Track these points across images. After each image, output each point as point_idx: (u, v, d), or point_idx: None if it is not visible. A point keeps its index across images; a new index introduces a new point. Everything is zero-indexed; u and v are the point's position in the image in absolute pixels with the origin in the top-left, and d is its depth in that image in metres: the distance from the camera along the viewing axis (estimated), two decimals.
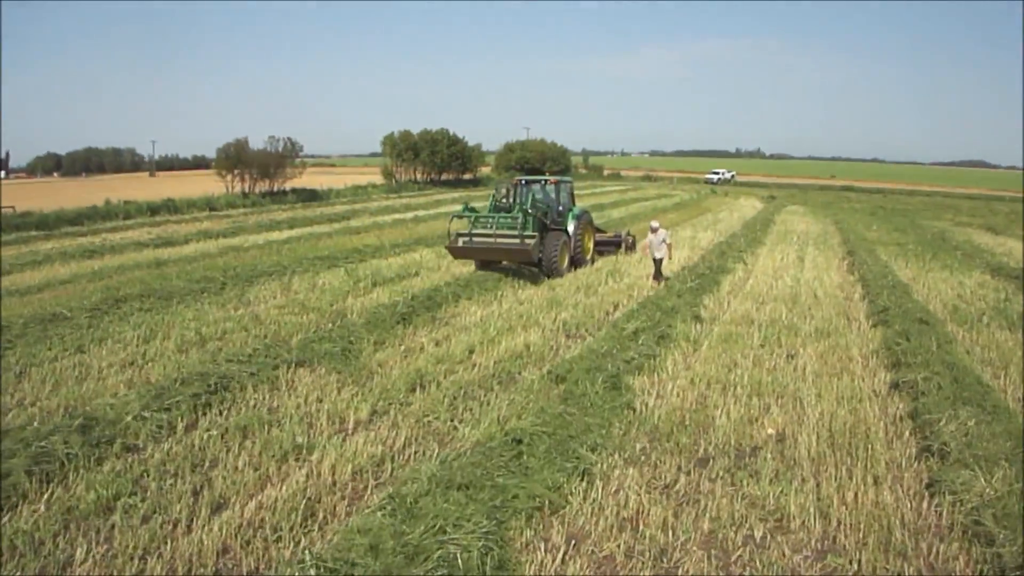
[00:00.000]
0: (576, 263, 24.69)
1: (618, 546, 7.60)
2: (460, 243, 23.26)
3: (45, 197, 57.25)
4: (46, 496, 8.55)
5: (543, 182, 26.33)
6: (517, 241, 22.09)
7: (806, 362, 14.02)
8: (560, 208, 24.99)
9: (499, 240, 22.52)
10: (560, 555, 7.40)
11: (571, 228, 24.62)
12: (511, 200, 24.83)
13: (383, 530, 7.48)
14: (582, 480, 8.90)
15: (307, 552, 7.27)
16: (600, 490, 8.68)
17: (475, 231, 23.12)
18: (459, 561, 6.92)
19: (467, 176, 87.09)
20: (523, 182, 25.76)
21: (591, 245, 26.40)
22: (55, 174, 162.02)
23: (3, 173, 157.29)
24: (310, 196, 60.95)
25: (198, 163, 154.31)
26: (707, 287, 21.09)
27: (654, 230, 22.68)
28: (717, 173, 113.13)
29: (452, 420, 11.07)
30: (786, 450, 9.99)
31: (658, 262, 22.45)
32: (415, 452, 9.97)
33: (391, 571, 6.78)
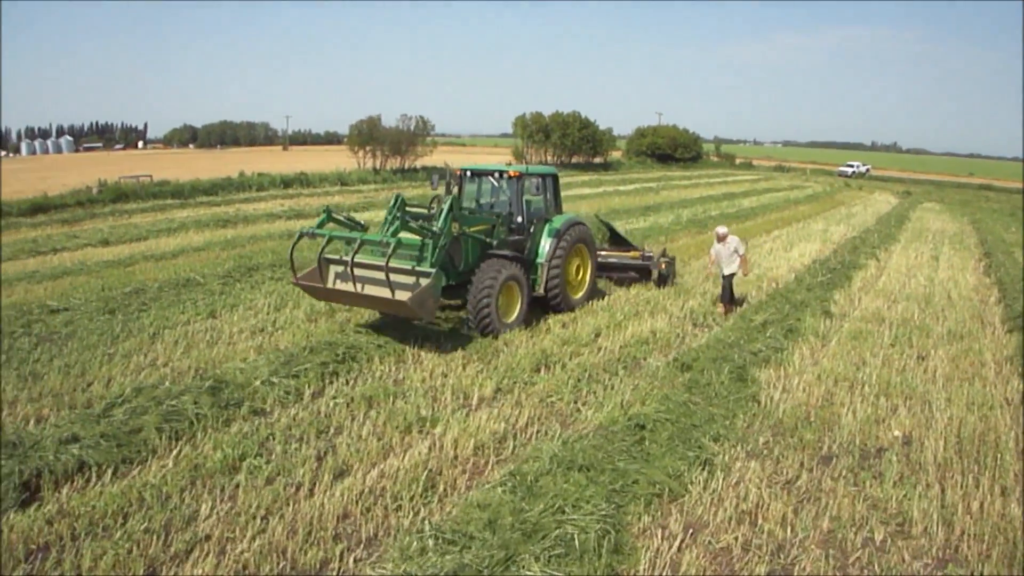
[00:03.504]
0: (555, 306, 16.28)
1: (735, 539, 7.61)
2: (333, 278, 14.44)
3: (181, 167, 59.24)
4: (175, 453, 9.02)
5: (498, 174, 16.35)
6: (394, 283, 12.93)
7: (937, 365, 13.67)
8: (520, 219, 16.25)
9: (358, 274, 13.45)
10: (677, 543, 7.44)
11: (545, 249, 15.96)
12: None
13: (502, 506, 7.68)
14: (703, 470, 8.93)
15: (426, 522, 7.52)
16: (720, 481, 8.70)
17: (347, 257, 13.48)
18: (576, 541, 7.06)
19: (597, 160, 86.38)
20: (467, 175, 16.67)
21: (588, 275, 17.52)
22: (190, 146, 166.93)
23: (141, 143, 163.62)
24: None
25: (330, 139, 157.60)
26: (838, 282, 20.72)
27: (721, 238, 17.40)
28: (851, 166, 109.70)
29: (575, 402, 11.20)
30: (912, 453, 9.81)
31: (727, 279, 17.43)
32: (537, 431, 10.13)
33: (508, 546, 6.93)
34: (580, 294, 17.17)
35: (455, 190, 16.24)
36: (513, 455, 9.39)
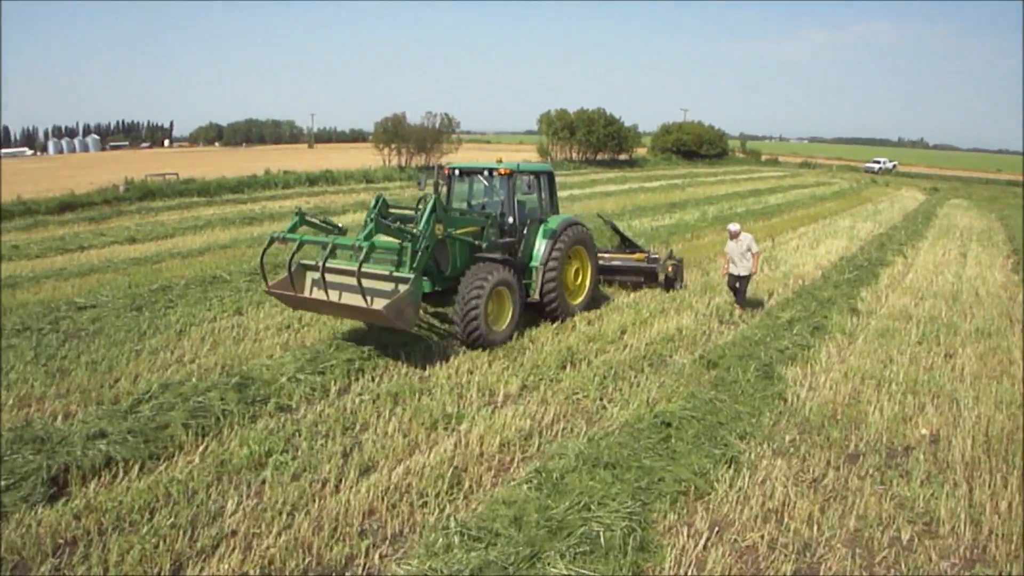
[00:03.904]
0: (551, 314, 15.12)
1: (761, 537, 7.55)
2: (309, 285, 13.59)
3: (207, 165, 59.70)
4: (201, 449, 9.09)
5: (487, 173, 15.50)
6: (371, 290, 12.15)
7: (964, 363, 13.53)
8: (512, 220, 15.22)
9: (336, 281, 12.90)
10: (702, 541, 7.40)
11: (540, 252, 14.90)
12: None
13: (528, 503, 7.67)
14: (729, 467, 8.87)
15: (452, 519, 7.52)
16: (747, 479, 8.64)
17: (323, 262, 12.74)
18: (601, 539, 7.04)
19: (622, 157, 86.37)
20: (456, 174, 15.80)
21: (588, 280, 16.39)
22: (216, 144, 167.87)
23: (167, 142, 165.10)
24: None
25: (355, 136, 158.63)
26: (865, 279, 20.58)
27: (734, 235, 16.52)
28: (878, 162, 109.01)
29: (601, 399, 11.17)
30: (939, 452, 9.71)
31: (742, 280, 16.66)
32: (563, 428, 10.10)
33: (534, 543, 6.92)
34: (579, 300, 16.07)
35: (443, 190, 15.35)
36: (539, 452, 9.38)
